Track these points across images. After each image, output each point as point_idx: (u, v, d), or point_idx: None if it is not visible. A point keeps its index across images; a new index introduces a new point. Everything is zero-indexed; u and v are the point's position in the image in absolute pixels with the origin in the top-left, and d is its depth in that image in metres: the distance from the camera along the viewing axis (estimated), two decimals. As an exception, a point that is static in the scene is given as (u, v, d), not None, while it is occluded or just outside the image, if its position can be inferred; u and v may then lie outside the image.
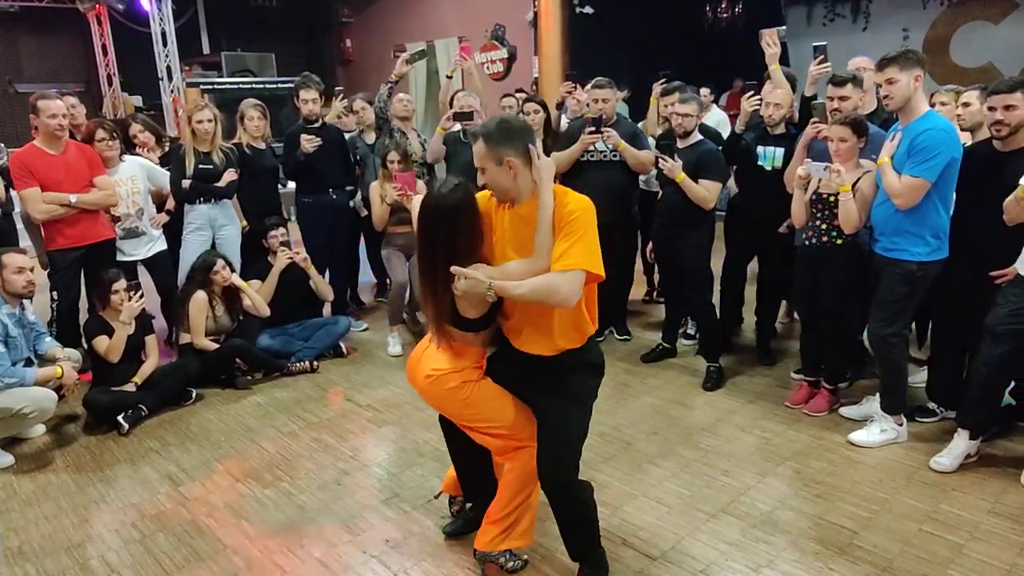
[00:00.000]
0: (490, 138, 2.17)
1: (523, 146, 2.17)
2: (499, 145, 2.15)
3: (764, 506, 2.93)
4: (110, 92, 11.32)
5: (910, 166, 3.06)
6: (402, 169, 4.45)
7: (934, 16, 8.20)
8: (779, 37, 4.03)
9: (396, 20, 11.88)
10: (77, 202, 4.07)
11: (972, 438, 3.15)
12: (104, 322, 3.88)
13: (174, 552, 2.74)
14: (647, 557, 2.62)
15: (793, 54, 8.72)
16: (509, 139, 2.16)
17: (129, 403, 3.78)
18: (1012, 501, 2.90)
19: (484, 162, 2.19)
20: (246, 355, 4.31)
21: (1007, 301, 2.97)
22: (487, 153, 2.17)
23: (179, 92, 10.38)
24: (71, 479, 3.30)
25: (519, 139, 2.17)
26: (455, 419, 2.49)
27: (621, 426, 3.65)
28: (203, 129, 4.42)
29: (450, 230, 2.22)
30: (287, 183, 5.51)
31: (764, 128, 4.06)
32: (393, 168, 4.49)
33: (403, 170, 4.44)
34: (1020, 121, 2.99)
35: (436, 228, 2.23)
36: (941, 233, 3.17)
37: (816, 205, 3.50)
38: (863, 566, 2.54)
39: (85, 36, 11.48)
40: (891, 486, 3.04)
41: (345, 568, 2.62)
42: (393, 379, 4.35)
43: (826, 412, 3.68)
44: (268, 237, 4.60)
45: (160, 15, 10.21)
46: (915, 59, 3.07)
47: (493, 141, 2.16)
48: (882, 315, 3.29)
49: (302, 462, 3.40)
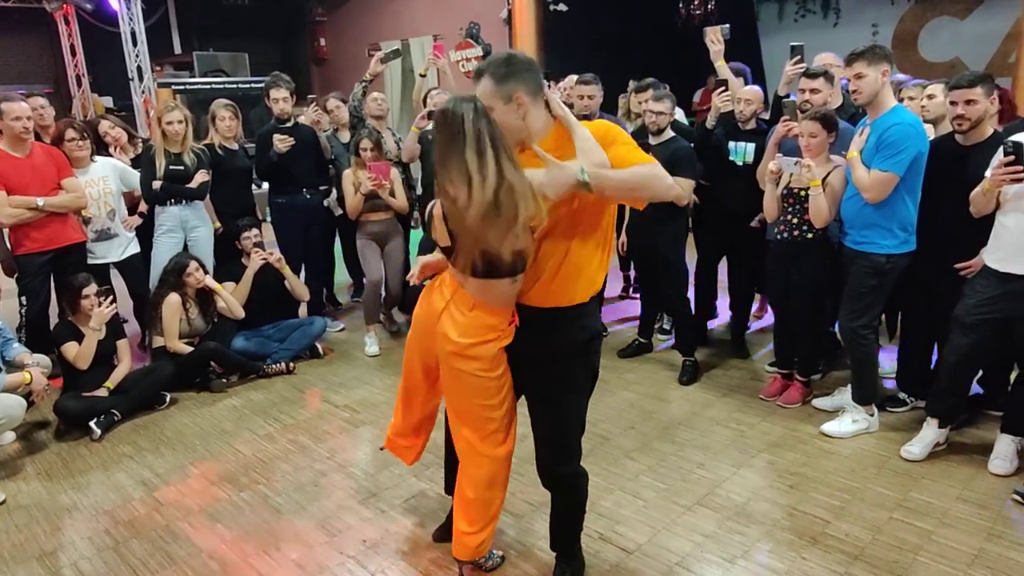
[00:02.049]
0: (496, 74, 2.00)
1: (533, 81, 2.01)
2: (506, 80, 1.99)
3: (739, 498, 2.96)
4: (79, 93, 11.12)
5: (878, 160, 3.10)
6: (375, 158, 4.45)
7: (902, 12, 8.34)
8: (722, 35, 4.16)
9: (370, 19, 11.81)
10: (45, 205, 4.00)
11: (941, 426, 3.21)
12: (74, 327, 3.82)
13: (148, 558, 2.71)
14: (623, 551, 2.64)
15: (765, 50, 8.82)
16: (517, 74, 1.99)
17: (101, 408, 3.73)
18: (980, 487, 2.96)
19: (491, 100, 2.00)
20: (221, 358, 4.27)
21: (974, 292, 3.02)
22: (495, 90, 1.99)
23: (150, 93, 10.23)
24: (42, 487, 3.25)
25: (527, 73, 2.01)
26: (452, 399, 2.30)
27: (597, 421, 3.66)
28: (173, 130, 4.37)
29: (491, 123, 1.94)
30: (261, 184, 5.47)
31: (735, 124, 4.10)
32: (366, 156, 4.48)
33: (376, 159, 4.44)
34: (981, 115, 3.05)
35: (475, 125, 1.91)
36: (909, 226, 3.22)
37: (787, 200, 3.55)
38: (835, 554, 2.58)
39: (53, 36, 11.27)
40: (863, 475, 3.09)
41: (322, 569, 2.61)
42: (370, 379, 4.34)
43: (799, 404, 3.73)
44: (242, 238, 4.56)
45: (129, 15, 10.04)
46: (883, 54, 3.12)
47: (499, 77, 1.99)
48: (852, 307, 3.34)
49: (278, 464, 3.38)
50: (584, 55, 7.70)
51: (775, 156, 3.59)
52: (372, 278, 4.70)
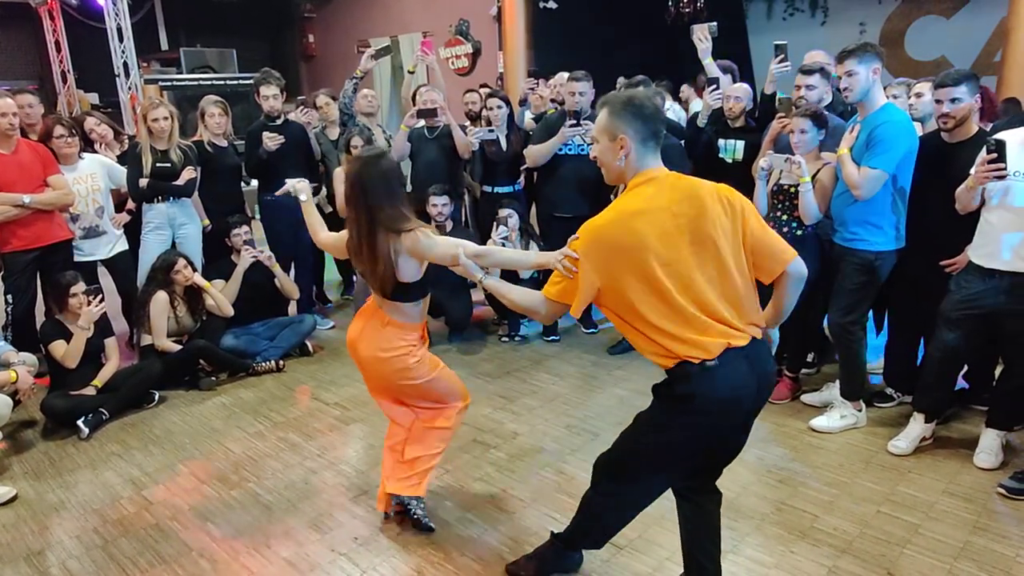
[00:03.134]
0: (613, 108, 2.00)
1: (645, 131, 1.98)
2: (619, 119, 1.98)
3: (729, 493, 2.94)
4: (64, 89, 11.01)
5: (868, 158, 3.13)
6: None
7: (889, 11, 8.39)
8: (709, 33, 4.18)
9: (359, 15, 11.77)
10: (31, 202, 3.97)
11: (928, 421, 3.24)
12: (61, 326, 3.79)
13: (138, 557, 2.70)
14: (614, 546, 2.65)
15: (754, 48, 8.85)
16: (631, 117, 1.97)
17: (89, 407, 3.71)
18: (965, 481, 2.99)
19: (599, 133, 2.03)
20: (210, 356, 4.25)
21: (959, 287, 3.05)
22: (606, 124, 2.01)
23: (136, 89, 10.14)
24: (29, 486, 3.22)
25: (642, 121, 1.98)
26: (395, 394, 2.74)
27: (588, 418, 3.68)
28: (159, 127, 4.34)
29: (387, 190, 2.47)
30: (250, 181, 5.43)
31: (725, 121, 4.12)
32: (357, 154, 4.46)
33: None
34: (965, 113, 3.08)
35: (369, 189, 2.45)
36: (898, 223, 3.25)
37: (777, 196, 3.57)
38: (824, 548, 2.61)
39: (37, 32, 11.14)
40: (851, 470, 3.12)
41: (313, 567, 2.61)
42: (360, 377, 4.31)
43: (788, 400, 3.76)
44: (231, 235, 4.53)
45: (115, 10, 9.94)
46: (873, 52, 3.14)
47: (615, 113, 1.99)
48: (841, 304, 3.37)
49: (269, 462, 3.37)
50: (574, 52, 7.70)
51: (766, 153, 3.62)
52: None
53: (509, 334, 4.84)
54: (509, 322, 4.87)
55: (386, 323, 2.58)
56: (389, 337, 2.57)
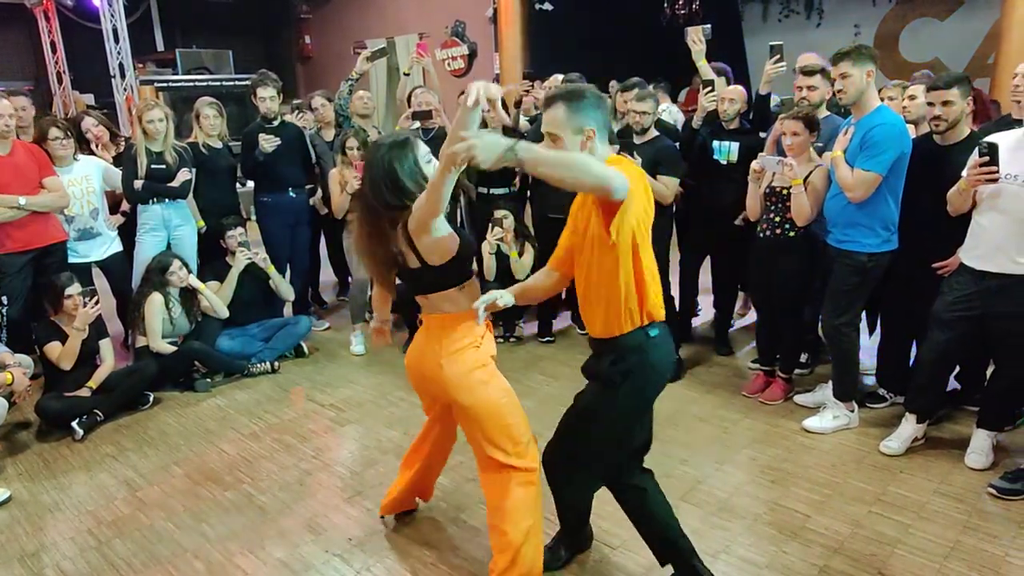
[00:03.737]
0: (571, 103, 1.99)
1: (603, 120, 2.02)
2: (581, 112, 1.99)
3: (722, 493, 3.00)
4: (60, 90, 10.99)
5: (862, 160, 3.14)
6: (363, 156, 4.44)
7: (884, 13, 8.44)
8: (704, 35, 4.19)
9: (356, 16, 11.77)
10: (27, 204, 3.96)
11: (919, 422, 3.26)
12: (56, 328, 3.79)
13: (132, 558, 2.70)
14: (607, 546, 2.66)
15: (750, 50, 8.89)
16: (593, 108, 2.00)
17: (83, 408, 3.71)
18: (956, 482, 3.01)
19: (559, 129, 2.00)
20: (205, 357, 4.26)
21: (951, 289, 3.07)
22: (566, 119, 1.99)
23: (132, 90, 10.13)
24: (24, 487, 3.22)
25: (602, 112, 2.02)
26: (465, 411, 2.31)
27: (583, 419, 3.69)
28: (154, 128, 4.34)
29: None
30: (246, 182, 5.44)
31: (719, 123, 4.14)
32: (353, 155, 4.47)
33: (363, 158, 4.43)
34: (957, 116, 3.10)
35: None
36: (891, 225, 3.27)
37: (770, 198, 3.59)
38: (815, 548, 2.62)
39: (33, 32, 11.12)
40: (843, 470, 3.13)
41: (307, 568, 2.61)
42: (356, 378, 4.34)
43: (781, 400, 3.77)
44: (226, 237, 4.54)
45: (111, 11, 9.94)
46: (868, 54, 3.16)
47: (575, 107, 1.99)
48: (834, 305, 3.38)
49: (263, 463, 3.38)
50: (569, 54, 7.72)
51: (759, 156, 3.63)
52: (358, 277, 4.70)
53: (504, 335, 4.85)
54: (504, 323, 4.88)
55: (441, 324, 2.30)
56: (448, 334, 2.27)
